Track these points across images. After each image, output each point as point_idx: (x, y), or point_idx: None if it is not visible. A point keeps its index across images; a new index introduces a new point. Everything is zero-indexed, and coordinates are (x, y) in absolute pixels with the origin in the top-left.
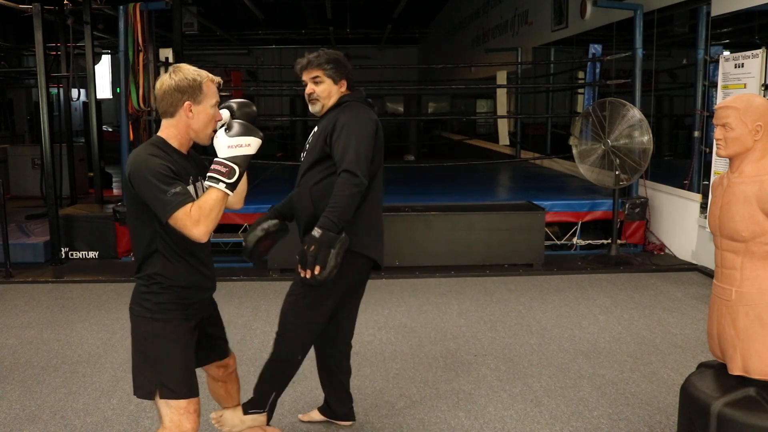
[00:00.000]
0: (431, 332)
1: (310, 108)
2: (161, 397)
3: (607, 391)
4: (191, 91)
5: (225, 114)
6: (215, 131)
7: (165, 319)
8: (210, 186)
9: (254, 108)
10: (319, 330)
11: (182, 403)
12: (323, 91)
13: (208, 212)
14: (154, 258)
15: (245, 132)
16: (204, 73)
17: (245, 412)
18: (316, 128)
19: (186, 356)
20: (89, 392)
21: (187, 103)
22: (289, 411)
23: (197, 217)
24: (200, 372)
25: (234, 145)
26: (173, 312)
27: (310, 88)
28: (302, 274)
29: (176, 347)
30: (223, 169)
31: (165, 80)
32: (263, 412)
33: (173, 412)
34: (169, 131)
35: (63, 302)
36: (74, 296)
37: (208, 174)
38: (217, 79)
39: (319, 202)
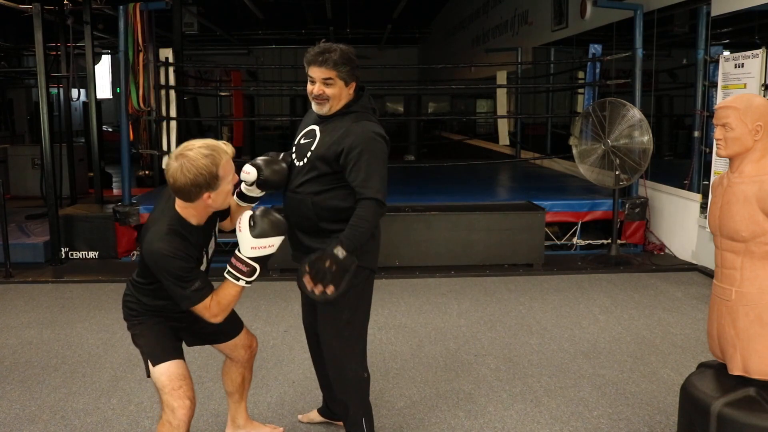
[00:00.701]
0: (431, 332)
1: (317, 108)
2: (153, 365)
3: (607, 391)
4: (208, 184)
5: (251, 173)
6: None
7: (142, 319)
8: (229, 281)
9: (283, 165)
10: (364, 338)
11: (164, 371)
12: (334, 93)
13: (226, 306)
14: (147, 291)
15: (270, 232)
16: (214, 153)
17: None
18: (315, 128)
19: (159, 331)
20: (89, 392)
21: (205, 194)
22: (289, 411)
23: (216, 312)
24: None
25: (258, 246)
26: (145, 315)
27: (319, 88)
28: (310, 287)
29: (151, 328)
30: (245, 269)
31: (178, 177)
32: None
33: (165, 393)
34: (188, 212)
35: (63, 302)
36: (74, 296)
37: (229, 268)
38: (231, 151)
39: (322, 212)
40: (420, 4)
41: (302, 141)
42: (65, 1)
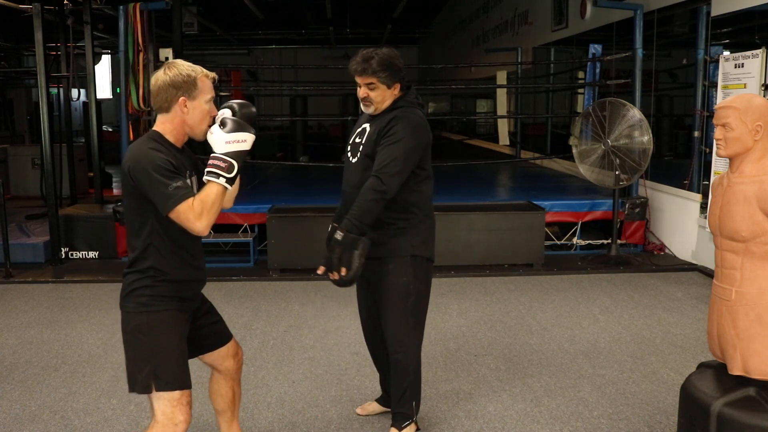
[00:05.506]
0: (431, 332)
1: (364, 109)
2: (156, 390)
3: (607, 391)
4: (186, 87)
5: (226, 112)
6: (210, 126)
7: (159, 310)
8: (210, 180)
9: (254, 109)
10: (424, 326)
11: (176, 394)
12: (377, 96)
13: (210, 206)
14: (149, 252)
15: (240, 128)
16: (198, 68)
17: (399, 429)
18: (366, 126)
19: (180, 347)
20: (89, 392)
21: (182, 98)
22: (289, 411)
23: (200, 211)
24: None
25: (231, 140)
26: (168, 303)
27: (364, 92)
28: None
29: (171, 338)
30: (223, 164)
31: (159, 76)
32: (412, 421)
33: (166, 404)
34: (165, 126)
35: (63, 302)
36: (74, 296)
37: (208, 169)
38: (212, 74)
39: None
40: (420, 4)
41: (356, 140)
42: (65, 1)
